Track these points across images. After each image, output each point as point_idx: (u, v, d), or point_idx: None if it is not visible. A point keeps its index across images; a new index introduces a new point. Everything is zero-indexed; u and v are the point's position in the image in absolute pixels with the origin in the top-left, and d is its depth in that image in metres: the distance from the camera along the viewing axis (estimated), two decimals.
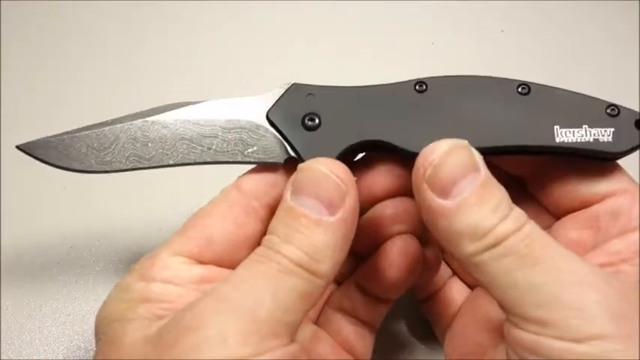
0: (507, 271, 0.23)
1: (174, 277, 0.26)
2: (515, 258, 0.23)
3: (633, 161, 0.30)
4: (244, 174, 0.29)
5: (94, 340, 0.27)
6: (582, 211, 0.29)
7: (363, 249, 0.31)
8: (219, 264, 0.27)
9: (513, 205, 0.25)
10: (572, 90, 0.29)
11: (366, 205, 0.30)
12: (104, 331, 0.25)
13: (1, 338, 0.36)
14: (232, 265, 0.27)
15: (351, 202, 0.25)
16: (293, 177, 0.26)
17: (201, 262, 0.27)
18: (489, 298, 0.29)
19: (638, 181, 0.29)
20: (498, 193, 0.25)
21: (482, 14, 0.55)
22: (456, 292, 0.34)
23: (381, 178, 0.30)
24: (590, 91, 0.49)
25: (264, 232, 0.26)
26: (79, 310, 0.38)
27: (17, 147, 0.29)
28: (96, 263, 0.39)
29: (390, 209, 0.30)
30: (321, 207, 0.25)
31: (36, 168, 0.29)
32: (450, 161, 0.25)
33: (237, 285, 0.24)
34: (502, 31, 0.53)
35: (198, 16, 0.53)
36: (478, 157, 0.25)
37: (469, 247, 0.24)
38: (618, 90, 0.49)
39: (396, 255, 0.30)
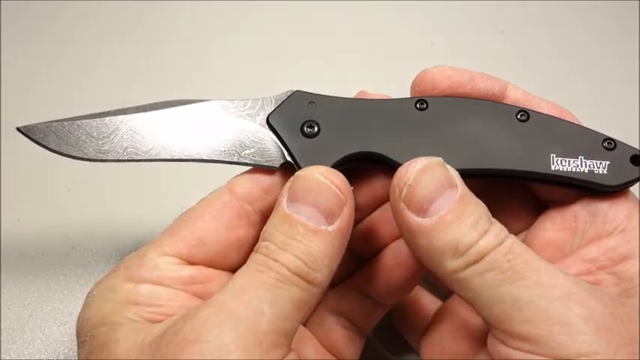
0: (491, 287, 0.23)
1: (163, 277, 0.26)
2: (499, 273, 0.23)
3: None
4: (237, 176, 0.29)
5: None
6: (561, 210, 0.29)
7: (365, 252, 0.31)
8: (209, 265, 0.27)
9: (493, 220, 0.25)
10: (572, 89, 0.29)
11: (365, 210, 0.30)
12: (91, 334, 0.25)
13: (3, 338, 0.36)
14: (222, 267, 0.27)
15: (348, 212, 0.25)
16: (289, 184, 0.26)
17: (191, 263, 0.27)
18: (464, 308, 0.29)
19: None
20: (477, 209, 0.25)
21: (482, 15, 0.55)
22: (426, 298, 0.34)
23: (380, 186, 0.30)
24: (590, 92, 0.49)
25: (255, 237, 0.26)
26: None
27: (18, 129, 0.28)
28: (97, 263, 0.39)
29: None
30: (319, 216, 0.25)
31: (38, 168, 0.29)
32: (425, 179, 0.25)
33: (236, 294, 0.23)
34: (501, 32, 0.54)
35: (201, 16, 0.53)
36: (454, 174, 0.25)
37: (451, 264, 0.24)
38: (618, 90, 0.50)
39: (404, 258, 0.29)
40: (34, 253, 0.40)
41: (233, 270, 0.27)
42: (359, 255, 0.32)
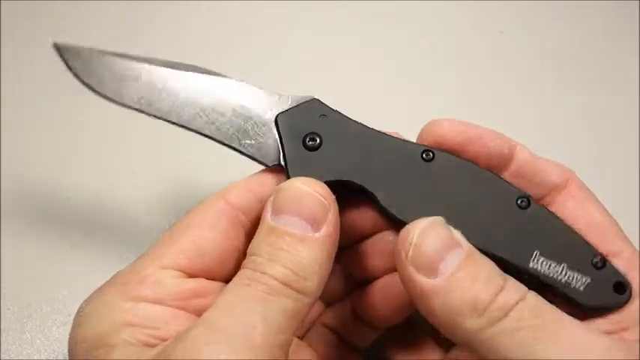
0: (522, 346, 0.22)
1: (164, 294, 0.25)
2: (530, 331, 0.22)
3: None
4: (232, 185, 0.28)
5: None
6: None
7: (359, 275, 0.31)
8: (209, 276, 0.26)
9: (507, 276, 0.24)
10: (572, 89, 0.28)
11: (355, 236, 0.30)
12: (85, 358, 0.24)
13: (2, 338, 0.36)
14: (222, 278, 0.26)
15: (333, 218, 0.25)
16: (272, 198, 0.25)
17: (192, 275, 0.26)
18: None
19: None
20: (487, 265, 0.24)
21: (482, 15, 0.55)
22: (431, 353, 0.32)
23: (370, 214, 0.29)
24: (590, 92, 0.49)
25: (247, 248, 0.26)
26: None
27: (54, 44, 0.29)
28: (97, 263, 0.39)
29: (392, 238, 0.29)
30: (305, 224, 0.24)
31: (39, 167, 0.29)
32: (430, 238, 0.24)
33: (226, 311, 0.23)
34: (501, 32, 0.53)
35: (204, 15, 0.53)
36: (456, 233, 0.24)
37: (473, 323, 0.23)
38: (618, 91, 0.50)
39: (397, 290, 0.28)
40: (34, 253, 0.40)
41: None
42: (354, 277, 0.31)
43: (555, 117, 0.47)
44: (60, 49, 0.29)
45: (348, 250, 0.30)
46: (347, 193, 0.28)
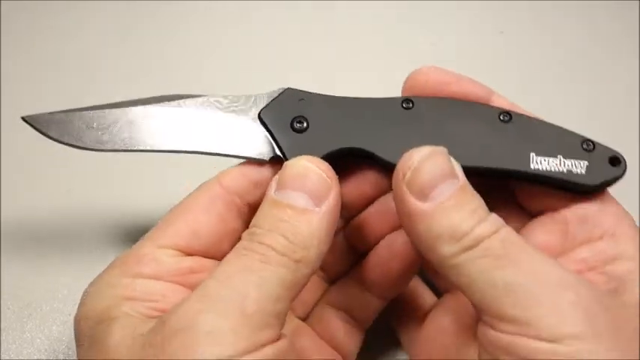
0: (484, 272, 0.24)
1: (162, 270, 0.26)
2: (493, 259, 0.24)
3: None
4: (226, 170, 0.29)
5: None
6: (551, 215, 0.29)
7: (362, 246, 0.32)
8: (206, 255, 0.27)
9: (490, 212, 0.25)
10: (571, 89, 0.29)
11: (356, 206, 0.31)
12: (90, 334, 0.25)
13: (2, 338, 0.36)
14: (219, 256, 0.27)
15: (335, 196, 0.26)
16: (277, 176, 0.26)
17: (189, 254, 0.27)
18: (459, 300, 0.29)
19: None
20: (476, 199, 0.25)
21: (482, 16, 0.55)
22: (424, 295, 0.34)
23: (369, 182, 0.30)
24: (590, 92, 0.49)
25: (244, 229, 0.26)
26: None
27: (22, 118, 0.30)
28: (97, 263, 0.39)
29: (388, 201, 0.30)
30: (307, 198, 0.25)
31: (39, 167, 0.29)
32: (429, 165, 0.25)
33: (221, 280, 0.24)
34: (501, 32, 0.54)
35: (202, 15, 0.53)
36: (456, 165, 0.26)
37: (447, 249, 0.24)
38: (617, 91, 0.50)
39: (399, 248, 0.30)
40: (34, 253, 0.40)
41: None
42: (357, 250, 0.32)
43: (555, 117, 0.47)
44: (32, 121, 0.30)
45: (347, 224, 0.32)
46: (343, 168, 0.29)
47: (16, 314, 0.37)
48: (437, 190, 0.25)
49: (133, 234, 0.41)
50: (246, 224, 0.27)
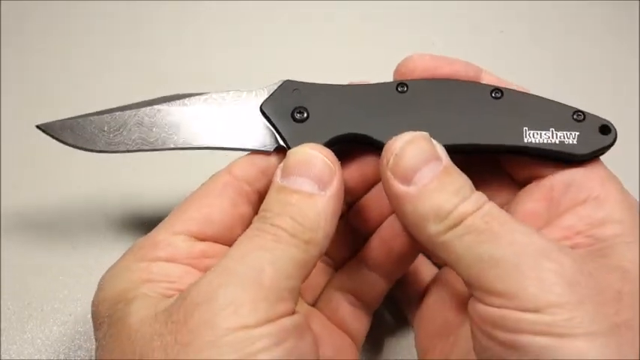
0: (469, 248, 0.24)
1: (176, 254, 0.27)
2: (476, 234, 0.24)
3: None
4: (236, 160, 0.30)
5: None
6: (538, 183, 0.30)
7: (367, 229, 0.32)
8: (218, 241, 0.28)
9: (475, 190, 0.26)
10: (571, 90, 0.30)
11: (359, 190, 0.32)
12: (108, 314, 0.25)
13: (3, 338, 0.36)
14: (230, 242, 0.27)
15: (338, 180, 0.27)
16: (282, 164, 0.27)
17: (202, 240, 0.28)
18: (454, 276, 0.30)
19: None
20: (460, 179, 0.26)
21: (482, 15, 0.55)
22: (425, 269, 0.35)
23: (370, 167, 0.31)
24: (590, 92, 0.49)
25: (254, 215, 0.27)
26: (80, 310, 0.38)
27: (37, 126, 0.31)
28: (98, 263, 0.39)
29: None
30: (313, 184, 0.26)
31: (38, 167, 0.29)
32: (411, 151, 0.26)
33: (237, 258, 0.25)
34: (502, 31, 0.54)
35: (199, 14, 0.53)
36: (439, 148, 0.27)
37: (433, 228, 0.25)
38: (617, 90, 0.50)
39: (401, 228, 0.31)
40: (34, 253, 0.40)
41: None
42: (361, 233, 0.33)
43: None
44: (47, 129, 0.31)
45: (350, 209, 0.33)
46: (345, 154, 0.30)
47: (16, 314, 0.37)
48: (419, 173, 0.26)
49: (134, 234, 0.41)
50: (256, 211, 0.28)
